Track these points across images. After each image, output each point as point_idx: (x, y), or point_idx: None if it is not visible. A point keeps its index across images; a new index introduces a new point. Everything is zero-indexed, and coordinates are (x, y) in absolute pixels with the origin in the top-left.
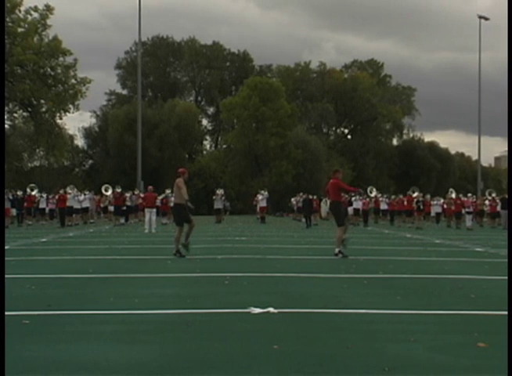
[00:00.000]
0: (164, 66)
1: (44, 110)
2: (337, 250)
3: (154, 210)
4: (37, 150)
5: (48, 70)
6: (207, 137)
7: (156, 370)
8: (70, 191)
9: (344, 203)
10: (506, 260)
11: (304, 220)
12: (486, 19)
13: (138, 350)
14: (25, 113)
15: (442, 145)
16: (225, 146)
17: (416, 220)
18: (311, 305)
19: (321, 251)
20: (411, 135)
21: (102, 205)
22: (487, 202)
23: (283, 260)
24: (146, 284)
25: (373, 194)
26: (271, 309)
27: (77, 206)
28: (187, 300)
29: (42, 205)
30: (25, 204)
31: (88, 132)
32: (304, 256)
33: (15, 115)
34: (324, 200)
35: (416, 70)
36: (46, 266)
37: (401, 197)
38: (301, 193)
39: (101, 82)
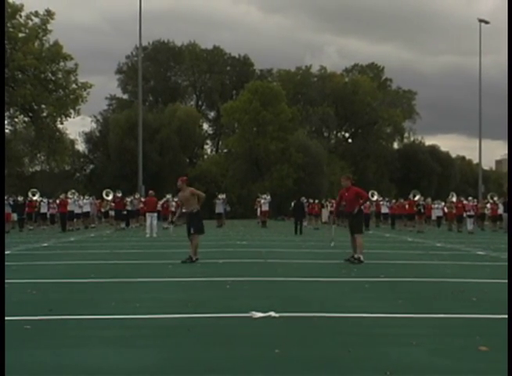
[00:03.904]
0: (164, 71)
1: (45, 114)
2: (357, 255)
3: (155, 214)
4: (38, 155)
5: (49, 75)
6: (208, 141)
7: (157, 375)
8: (71, 196)
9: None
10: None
11: (305, 224)
12: (486, 22)
13: (140, 355)
14: (26, 118)
15: (444, 148)
16: (225, 151)
17: (417, 224)
18: (313, 309)
19: (322, 255)
20: (412, 138)
21: (102, 210)
22: (488, 205)
23: (285, 264)
24: (148, 289)
25: (374, 198)
26: (272, 314)
27: (78, 211)
28: (188, 304)
29: (43, 210)
30: (26, 209)
31: (88, 137)
32: (306, 260)
33: (16, 120)
34: (326, 203)
35: (418, 73)
36: (47, 271)
37: (402, 200)
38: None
39: (102, 87)
